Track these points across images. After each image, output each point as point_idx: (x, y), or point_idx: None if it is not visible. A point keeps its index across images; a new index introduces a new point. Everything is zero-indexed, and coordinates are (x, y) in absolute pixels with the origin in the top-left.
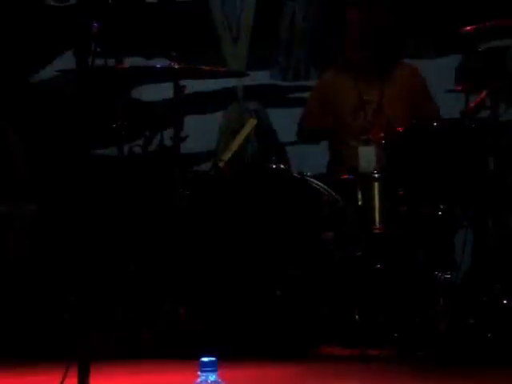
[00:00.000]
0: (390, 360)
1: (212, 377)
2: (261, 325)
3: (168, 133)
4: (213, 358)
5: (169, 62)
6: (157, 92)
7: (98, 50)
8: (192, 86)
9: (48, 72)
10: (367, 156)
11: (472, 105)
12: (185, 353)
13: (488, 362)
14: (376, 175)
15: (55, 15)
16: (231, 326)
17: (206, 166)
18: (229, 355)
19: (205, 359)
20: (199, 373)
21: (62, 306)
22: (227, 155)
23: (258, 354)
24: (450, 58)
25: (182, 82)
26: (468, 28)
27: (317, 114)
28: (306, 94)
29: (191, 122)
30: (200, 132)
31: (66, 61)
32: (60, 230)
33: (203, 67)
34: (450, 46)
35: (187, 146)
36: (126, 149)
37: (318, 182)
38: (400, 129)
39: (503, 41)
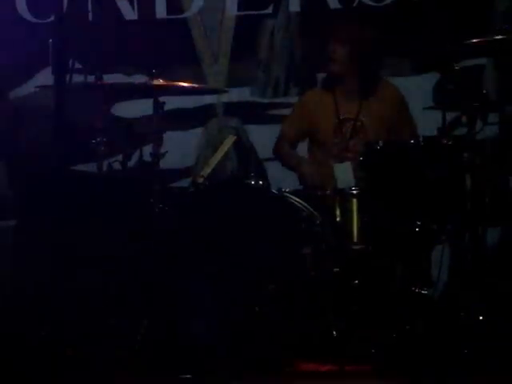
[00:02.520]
0: (367, 376)
1: None
2: (239, 340)
3: (147, 149)
4: (188, 376)
5: (149, 78)
6: (136, 108)
7: (78, 66)
8: (172, 102)
9: (27, 88)
10: (344, 172)
11: (449, 122)
12: (161, 369)
13: (465, 378)
14: (354, 192)
15: (35, 31)
16: (209, 342)
17: (185, 182)
18: (207, 372)
19: (183, 376)
20: None
21: (40, 322)
22: (206, 171)
23: (236, 369)
24: (427, 76)
25: (162, 99)
26: (445, 47)
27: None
28: (286, 111)
29: (171, 138)
30: (179, 148)
31: (45, 77)
32: (39, 246)
33: (183, 84)
34: (428, 64)
35: (166, 162)
36: (105, 165)
37: (296, 199)
38: (378, 144)
39: (479, 59)
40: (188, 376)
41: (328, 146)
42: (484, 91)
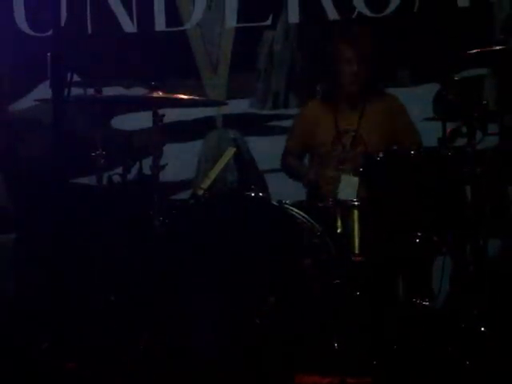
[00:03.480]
0: None
1: None
2: (240, 353)
3: (147, 161)
4: None
5: (148, 91)
6: (136, 121)
7: (77, 79)
8: (171, 114)
9: (27, 101)
10: (349, 186)
11: (449, 133)
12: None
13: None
14: (355, 203)
15: (34, 44)
16: (209, 355)
17: (185, 195)
18: None
19: None
20: None
21: (40, 336)
22: (206, 183)
23: (237, 381)
24: (427, 86)
25: (161, 111)
26: (445, 57)
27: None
28: (285, 123)
29: (170, 151)
30: (179, 160)
31: (44, 90)
32: (40, 259)
33: (182, 96)
34: (428, 74)
35: (166, 175)
36: (104, 177)
37: (297, 210)
38: (378, 155)
39: (479, 70)
40: None
41: (327, 158)
42: (484, 101)
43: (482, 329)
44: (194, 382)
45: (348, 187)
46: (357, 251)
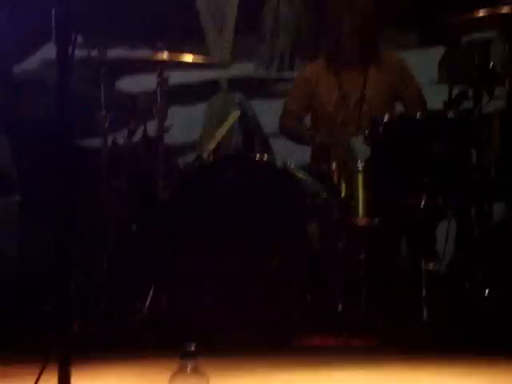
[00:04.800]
0: (373, 350)
1: (192, 363)
2: (243, 315)
3: (152, 124)
4: (192, 346)
5: (153, 52)
6: (140, 83)
7: (82, 40)
8: (176, 77)
9: (31, 62)
10: (357, 147)
11: (455, 96)
12: (167, 342)
13: (471, 351)
14: (359, 167)
15: (38, 4)
16: (213, 316)
17: (189, 157)
18: (210, 346)
19: (185, 346)
20: (180, 359)
21: (45, 297)
22: (211, 146)
23: (240, 344)
24: (433, 49)
25: (166, 73)
26: (451, 20)
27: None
28: (290, 85)
29: (175, 113)
30: (184, 123)
31: (49, 51)
32: (44, 221)
33: (187, 58)
34: (434, 38)
35: (171, 137)
36: (109, 140)
37: (301, 173)
38: (384, 119)
39: (486, 33)
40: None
41: (331, 120)
42: (491, 65)
43: (487, 292)
44: (196, 341)
45: (355, 149)
46: (361, 215)
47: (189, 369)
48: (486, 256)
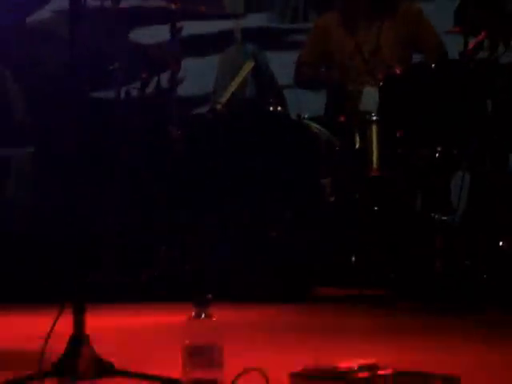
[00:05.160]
0: (386, 300)
1: (205, 312)
2: (257, 267)
3: (165, 75)
4: (207, 295)
5: (166, 2)
6: (154, 34)
7: None
8: (189, 28)
9: (44, 13)
10: (371, 97)
11: (471, 46)
12: (180, 295)
13: (484, 303)
14: (373, 118)
15: None
16: (227, 268)
17: (203, 109)
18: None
19: (199, 295)
20: (193, 306)
21: (60, 248)
22: (225, 97)
23: (253, 296)
24: None
25: (180, 24)
26: None
27: (314, 51)
28: (304, 37)
29: (188, 65)
30: (197, 74)
31: (60, 1)
32: (58, 172)
33: (201, 9)
34: None
35: (184, 89)
36: (122, 91)
37: (315, 125)
38: (398, 69)
39: None
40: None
41: (345, 70)
42: (507, 14)
43: (500, 243)
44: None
45: (370, 99)
46: (375, 166)
47: (203, 316)
48: (500, 206)
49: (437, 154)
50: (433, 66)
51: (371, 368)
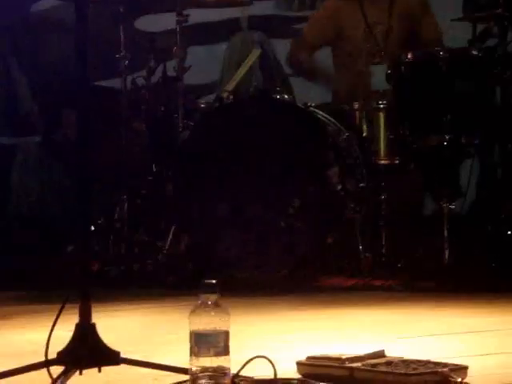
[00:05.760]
0: (393, 289)
1: (213, 297)
2: (264, 256)
3: (171, 64)
4: (213, 281)
5: None
6: (160, 22)
7: None
8: (195, 15)
9: (49, 1)
10: (380, 74)
11: (479, 34)
12: (187, 281)
13: (492, 292)
14: (381, 105)
15: None
16: (234, 255)
17: (209, 97)
18: (230, 287)
19: (206, 281)
20: (201, 294)
21: (65, 237)
22: (231, 86)
23: (261, 283)
24: None
25: (185, 12)
26: None
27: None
28: None
29: (195, 53)
30: (204, 63)
31: None
32: (63, 161)
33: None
34: None
35: (191, 77)
36: (128, 80)
37: (322, 113)
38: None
39: None
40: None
41: (356, 54)
42: None
43: (509, 232)
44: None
45: (380, 76)
46: (382, 154)
47: (210, 303)
48: (509, 197)
49: (445, 143)
50: (441, 53)
51: (378, 356)
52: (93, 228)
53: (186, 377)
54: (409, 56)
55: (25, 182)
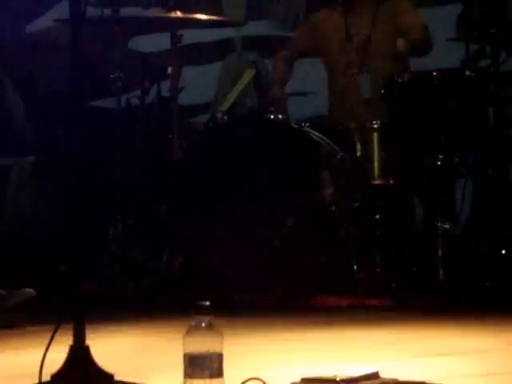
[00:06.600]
0: (388, 309)
1: (206, 320)
2: (257, 275)
3: (165, 84)
4: (207, 302)
5: (166, 11)
6: (154, 42)
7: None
8: (189, 36)
9: (44, 22)
10: (363, 84)
11: (472, 54)
12: (181, 302)
13: (487, 311)
14: (375, 125)
15: None
16: (229, 275)
17: (204, 117)
18: (224, 306)
19: (199, 303)
20: (194, 316)
21: (59, 257)
22: (225, 106)
23: (256, 304)
24: (450, 6)
25: (180, 32)
26: None
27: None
28: None
29: (189, 73)
30: (198, 83)
31: (61, 10)
32: (57, 181)
33: (201, 17)
34: None
35: (185, 97)
36: (123, 100)
37: (316, 133)
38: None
39: None
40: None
41: (336, 65)
42: (508, 21)
43: (503, 252)
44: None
45: (365, 86)
46: (376, 174)
47: (203, 325)
48: (503, 216)
49: (438, 162)
50: (434, 73)
51: (372, 377)
52: (86, 249)
53: None
54: (403, 76)
55: (19, 201)
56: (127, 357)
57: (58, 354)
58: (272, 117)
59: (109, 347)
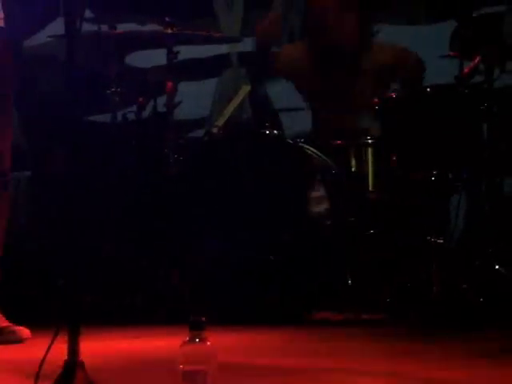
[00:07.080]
0: (383, 324)
1: (200, 336)
2: (253, 290)
3: (161, 99)
4: (202, 319)
5: (162, 27)
6: (150, 58)
7: (91, 15)
8: (185, 52)
9: (40, 37)
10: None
11: (466, 70)
12: (177, 317)
13: (481, 326)
14: (369, 141)
15: None
16: (223, 290)
17: (199, 133)
18: (221, 320)
19: (194, 319)
20: (189, 330)
21: (55, 272)
22: (221, 121)
23: (250, 319)
24: (444, 23)
25: (176, 48)
26: None
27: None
28: None
29: (185, 89)
30: (194, 98)
31: (58, 26)
32: (53, 196)
33: (197, 33)
34: (444, 11)
35: (181, 113)
36: (119, 115)
37: (311, 148)
38: (393, 94)
39: (497, 7)
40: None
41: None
42: (502, 39)
43: (497, 267)
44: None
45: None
46: (371, 189)
47: (198, 340)
48: (496, 231)
49: (432, 178)
50: (428, 89)
51: None
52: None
53: None
54: (396, 92)
55: (14, 216)
56: (122, 371)
57: (53, 367)
58: (267, 132)
59: (104, 360)
